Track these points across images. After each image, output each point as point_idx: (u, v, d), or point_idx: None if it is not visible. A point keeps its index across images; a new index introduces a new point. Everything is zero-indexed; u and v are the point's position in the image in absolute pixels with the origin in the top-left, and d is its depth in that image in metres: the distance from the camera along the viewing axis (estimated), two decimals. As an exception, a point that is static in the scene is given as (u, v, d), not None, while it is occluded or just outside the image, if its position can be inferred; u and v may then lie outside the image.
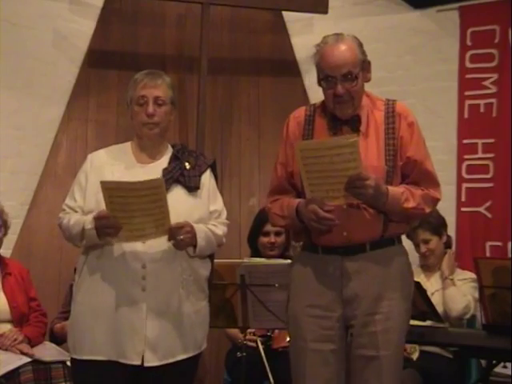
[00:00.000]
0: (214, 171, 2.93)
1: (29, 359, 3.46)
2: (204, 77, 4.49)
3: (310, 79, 4.58)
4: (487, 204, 4.42)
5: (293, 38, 4.91)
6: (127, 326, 2.65)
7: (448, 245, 3.99)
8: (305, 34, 4.84)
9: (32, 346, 3.57)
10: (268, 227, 3.90)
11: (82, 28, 4.69)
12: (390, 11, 4.78)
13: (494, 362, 3.48)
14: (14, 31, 4.46)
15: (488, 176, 4.44)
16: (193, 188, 2.79)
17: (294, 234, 2.82)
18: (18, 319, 3.71)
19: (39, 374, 3.42)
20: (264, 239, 3.96)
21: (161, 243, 2.67)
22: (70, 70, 4.67)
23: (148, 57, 4.78)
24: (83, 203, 2.77)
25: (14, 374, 3.38)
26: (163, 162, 2.83)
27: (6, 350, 3.53)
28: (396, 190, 2.51)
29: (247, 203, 4.79)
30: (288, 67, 4.90)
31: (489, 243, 4.39)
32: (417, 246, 3.89)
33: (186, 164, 2.82)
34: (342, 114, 2.57)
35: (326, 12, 4.57)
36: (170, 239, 2.65)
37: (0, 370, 3.34)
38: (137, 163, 2.82)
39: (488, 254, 4.34)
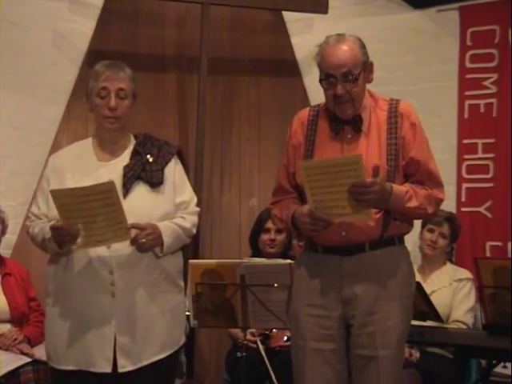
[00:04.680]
0: (180, 158, 2.85)
1: (29, 359, 3.46)
2: (204, 77, 4.48)
3: (310, 79, 4.59)
4: (487, 204, 4.42)
5: (293, 38, 4.91)
6: (96, 333, 2.62)
7: (449, 256, 4.05)
8: (305, 33, 4.84)
9: (32, 346, 3.58)
10: (269, 224, 3.94)
11: (82, 28, 4.69)
12: (389, 11, 4.78)
13: (494, 362, 3.48)
14: (14, 31, 4.46)
15: (488, 176, 4.44)
16: (155, 184, 2.72)
17: (294, 232, 2.83)
18: (18, 319, 3.71)
19: (39, 374, 3.42)
20: (264, 236, 3.98)
21: (126, 247, 2.62)
22: (69, 70, 4.66)
23: (148, 57, 4.78)
24: (47, 210, 2.71)
25: (14, 373, 3.39)
26: (125, 157, 2.76)
27: (6, 349, 3.53)
28: (400, 189, 2.50)
29: (247, 203, 4.79)
30: (288, 67, 4.90)
31: (489, 243, 4.39)
32: (430, 231, 3.91)
33: (148, 157, 2.74)
34: (342, 114, 2.57)
35: (325, 12, 4.57)
36: (132, 243, 2.60)
37: (0, 370, 3.35)
38: (98, 162, 2.75)
39: (488, 254, 4.33)
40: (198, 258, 4.28)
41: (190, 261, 3.28)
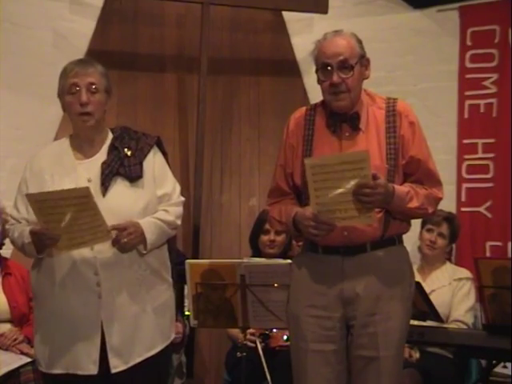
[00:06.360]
0: (160, 147, 2.81)
1: (29, 359, 3.46)
2: (204, 77, 4.49)
3: (310, 79, 4.59)
4: (487, 204, 4.42)
5: (293, 38, 4.91)
6: (83, 336, 2.60)
7: (449, 256, 4.07)
8: (305, 33, 4.84)
9: (32, 346, 3.56)
10: (268, 225, 3.92)
11: (82, 28, 4.69)
12: (390, 11, 4.78)
13: (494, 362, 3.48)
14: (14, 31, 4.46)
15: (488, 176, 4.44)
16: (134, 178, 2.67)
17: (294, 234, 2.82)
18: (18, 319, 3.71)
19: (39, 374, 3.40)
20: (264, 237, 3.98)
21: (110, 247, 2.59)
22: (70, 70, 4.66)
23: (148, 57, 4.78)
24: (27, 213, 2.68)
25: (14, 374, 3.39)
26: (102, 154, 2.71)
27: (6, 349, 3.53)
28: (401, 190, 2.51)
29: (247, 203, 4.79)
30: (288, 67, 4.90)
31: (489, 243, 4.39)
32: (429, 232, 3.93)
33: (126, 150, 2.70)
34: (338, 106, 2.56)
35: (326, 12, 4.57)
36: (114, 245, 2.57)
37: (0, 370, 3.35)
38: (76, 161, 2.72)
39: (488, 254, 4.34)
40: (198, 258, 4.29)
41: (189, 261, 3.28)
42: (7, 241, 3.96)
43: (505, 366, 3.74)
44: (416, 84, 4.65)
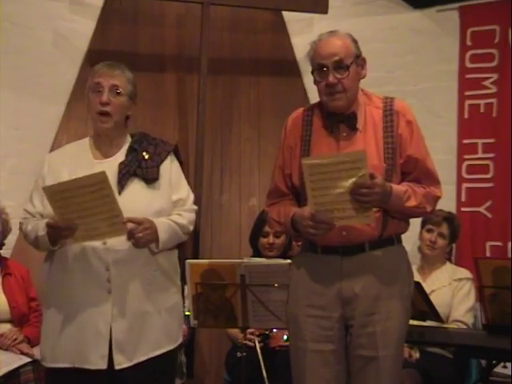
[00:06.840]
0: (176, 155, 2.86)
1: (29, 359, 3.47)
2: (204, 77, 4.49)
3: (310, 79, 4.59)
4: (487, 204, 4.42)
5: (293, 38, 4.91)
6: (92, 330, 2.61)
7: (449, 256, 4.07)
8: (305, 33, 4.84)
9: (32, 346, 3.58)
10: (267, 228, 3.92)
11: (82, 28, 4.70)
12: (390, 11, 4.78)
13: (494, 362, 3.48)
14: (14, 31, 4.46)
15: (488, 176, 4.44)
16: (151, 180, 2.71)
17: (293, 235, 2.82)
18: (18, 319, 3.71)
19: (39, 374, 3.42)
20: (263, 240, 3.97)
21: (122, 243, 2.62)
22: (69, 70, 4.67)
23: (148, 57, 4.78)
24: (42, 209, 2.71)
25: (14, 374, 3.39)
26: (121, 155, 2.75)
27: (6, 349, 3.53)
28: (399, 189, 2.51)
29: (247, 203, 4.79)
30: (288, 67, 4.90)
31: (489, 243, 4.39)
32: (429, 232, 3.93)
33: (144, 154, 2.74)
34: (334, 106, 2.56)
35: (326, 12, 4.57)
36: (129, 238, 2.60)
37: (0, 370, 3.35)
38: (94, 160, 2.75)
39: (488, 254, 4.34)
40: (198, 258, 4.29)
41: (189, 261, 3.28)
42: (7, 241, 3.99)
43: (505, 366, 3.74)
44: (416, 84, 4.65)
